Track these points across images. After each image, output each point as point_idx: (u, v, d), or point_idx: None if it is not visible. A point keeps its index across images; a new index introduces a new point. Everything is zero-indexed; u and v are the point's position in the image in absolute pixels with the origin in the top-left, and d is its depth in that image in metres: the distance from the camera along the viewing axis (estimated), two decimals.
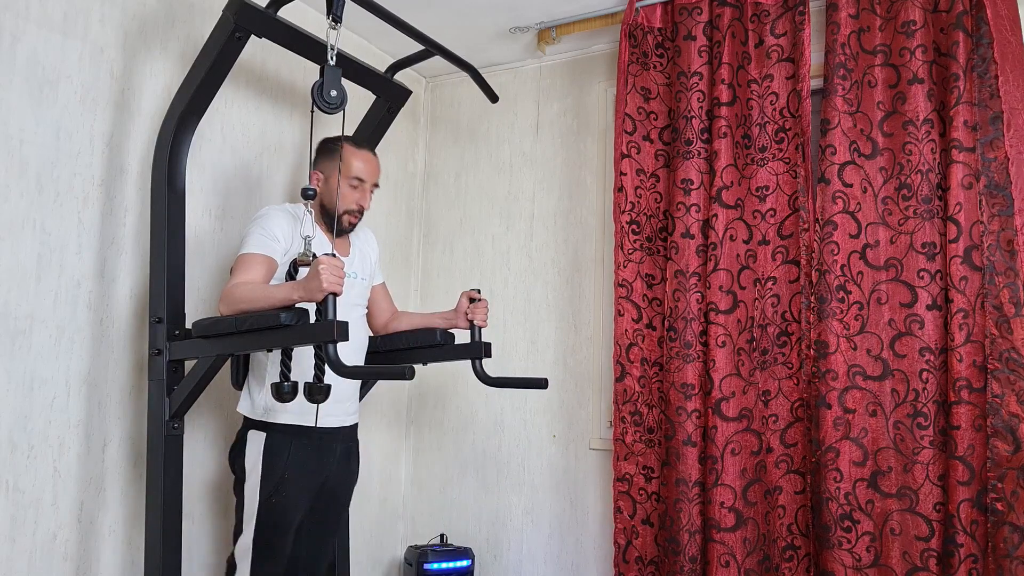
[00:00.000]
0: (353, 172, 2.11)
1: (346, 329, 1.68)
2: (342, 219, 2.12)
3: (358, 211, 2.14)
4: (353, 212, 2.13)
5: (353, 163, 2.11)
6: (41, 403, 1.96)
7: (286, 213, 2.08)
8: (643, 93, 2.69)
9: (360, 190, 2.13)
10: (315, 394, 2.05)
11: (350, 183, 2.11)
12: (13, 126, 1.92)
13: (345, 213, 2.12)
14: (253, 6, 1.93)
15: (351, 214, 2.13)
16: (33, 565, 1.92)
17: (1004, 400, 2.10)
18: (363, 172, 2.12)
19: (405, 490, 3.20)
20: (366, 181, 2.14)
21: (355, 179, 2.11)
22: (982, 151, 2.20)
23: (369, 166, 2.15)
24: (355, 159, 2.12)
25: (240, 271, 1.96)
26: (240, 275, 1.95)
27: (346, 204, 2.11)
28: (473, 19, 2.87)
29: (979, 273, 2.17)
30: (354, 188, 2.12)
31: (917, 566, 2.18)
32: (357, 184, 2.12)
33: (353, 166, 2.11)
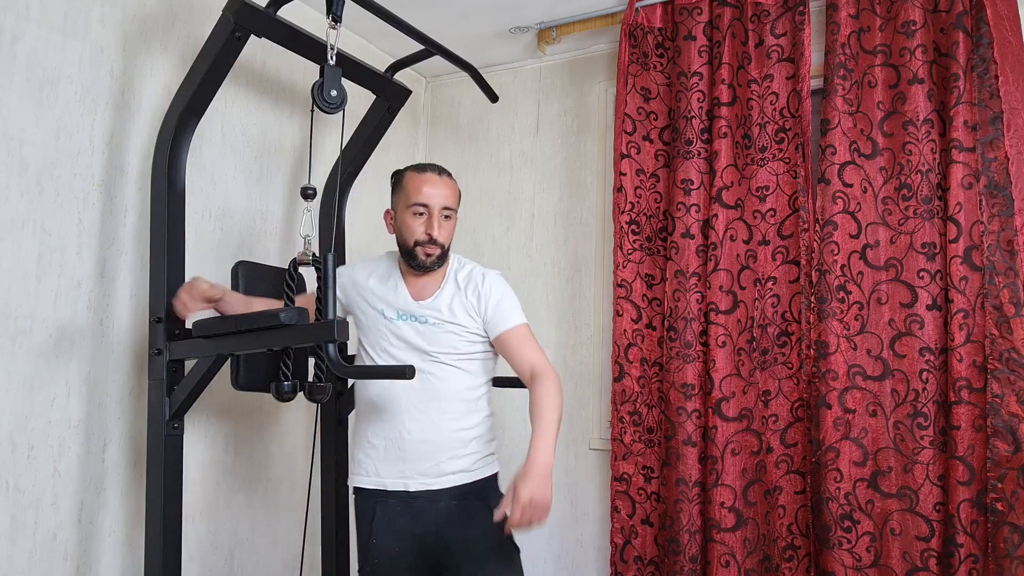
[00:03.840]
0: (412, 200, 1.93)
1: (346, 328, 1.68)
2: (415, 253, 1.93)
3: (428, 241, 1.91)
4: (424, 243, 1.91)
5: (411, 189, 1.94)
6: (41, 403, 1.96)
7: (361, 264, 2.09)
8: (643, 93, 2.69)
9: (427, 217, 1.92)
10: (315, 394, 2.05)
11: (413, 211, 1.92)
12: (13, 126, 1.92)
13: (416, 246, 1.92)
14: (253, 6, 1.93)
15: (422, 246, 1.92)
16: (33, 565, 1.92)
17: (1004, 400, 2.10)
18: (426, 197, 1.92)
19: None
20: (431, 206, 1.92)
21: (418, 206, 1.92)
22: (982, 151, 2.20)
23: (433, 188, 1.94)
24: (415, 183, 1.94)
25: None
26: None
27: (413, 235, 1.92)
28: (473, 19, 2.87)
29: (979, 273, 2.17)
30: (419, 216, 1.92)
31: (917, 566, 2.18)
32: (422, 211, 1.92)
33: (411, 194, 1.94)
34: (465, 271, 2.02)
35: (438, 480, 1.90)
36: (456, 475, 1.92)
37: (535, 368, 1.93)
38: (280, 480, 2.61)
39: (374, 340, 1.98)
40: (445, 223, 1.95)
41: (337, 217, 2.45)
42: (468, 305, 1.96)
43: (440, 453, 1.90)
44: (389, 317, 1.96)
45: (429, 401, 1.90)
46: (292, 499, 2.64)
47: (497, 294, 1.99)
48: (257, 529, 2.52)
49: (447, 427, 1.90)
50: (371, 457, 1.94)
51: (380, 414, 1.93)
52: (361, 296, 2.02)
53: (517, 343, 1.95)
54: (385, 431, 1.92)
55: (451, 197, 1.97)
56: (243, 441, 2.49)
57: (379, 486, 1.92)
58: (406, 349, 1.93)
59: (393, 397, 1.91)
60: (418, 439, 1.90)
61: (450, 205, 1.97)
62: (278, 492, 2.60)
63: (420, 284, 1.98)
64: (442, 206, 1.94)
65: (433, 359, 1.92)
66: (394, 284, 1.99)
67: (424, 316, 1.94)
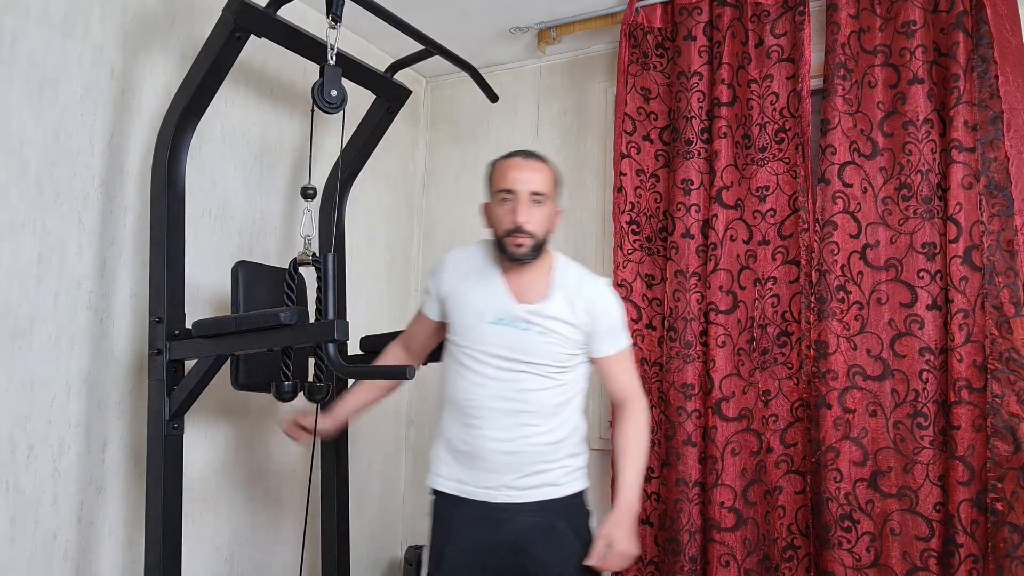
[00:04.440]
0: (497, 186, 1.81)
1: (346, 328, 1.68)
2: (505, 244, 1.79)
3: (515, 229, 1.76)
4: (511, 232, 1.77)
5: (497, 177, 1.82)
6: (41, 403, 1.96)
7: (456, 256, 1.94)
8: (643, 93, 2.69)
9: (513, 203, 1.77)
10: (315, 394, 2.05)
11: (500, 199, 1.79)
12: (13, 126, 1.92)
13: (505, 236, 1.78)
14: (253, 6, 1.93)
15: (510, 235, 1.77)
16: (33, 565, 1.92)
17: (1004, 400, 2.10)
18: (510, 181, 1.78)
19: (405, 490, 3.20)
20: (517, 191, 1.77)
21: (503, 192, 1.78)
22: (982, 151, 2.20)
23: (518, 172, 1.79)
24: (500, 170, 1.82)
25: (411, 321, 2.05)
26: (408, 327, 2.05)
27: (501, 224, 1.79)
28: (473, 19, 2.87)
29: (979, 273, 2.17)
30: (505, 203, 1.78)
31: (917, 566, 2.18)
32: (508, 197, 1.78)
33: (497, 180, 1.82)
34: (574, 276, 1.87)
35: (523, 493, 1.78)
36: (542, 488, 1.80)
37: (630, 394, 1.89)
38: (280, 480, 2.61)
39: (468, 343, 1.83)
40: (535, 209, 1.77)
41: (337, 217, 2.45)
42: (577, 317, 1.82)
43: (527, 465, 1.78)
44: (487, 320, 1.81)
45: (519, 411, 1.78)
46: (292, 499, 2.64)
47: (613, 314, 1.87)
48: (257, 529, 2.52)
49: (536, 439, 1.79)
50: (455, 462, 1.83)
51: (466, 419, 1.81)
52: (460, 295, 1.87)
53: (619, 367, 1.89)
54: (471, 438, 1.80)
55: (541, 181, 1.79)
56: (243, 441, 2.49)
57: (461, 492, 1.81)
58: (497, 357, 1.79)
59: (481, 404, 1.79)
60: (505, 449, 1.77)
61: (540, 190, 1.78)
62: (278, 492, 2.60)
63: (523, 283, 1.83)
64: (530, 191, 1.77)
65: (527, 368, 1.79)
66: (495, 282, 1.84)
67: (527, 322, 1.79)
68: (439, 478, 1.86)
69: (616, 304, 1.90)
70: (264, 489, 2.55)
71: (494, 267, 1.86)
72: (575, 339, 1.82)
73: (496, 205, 1.81)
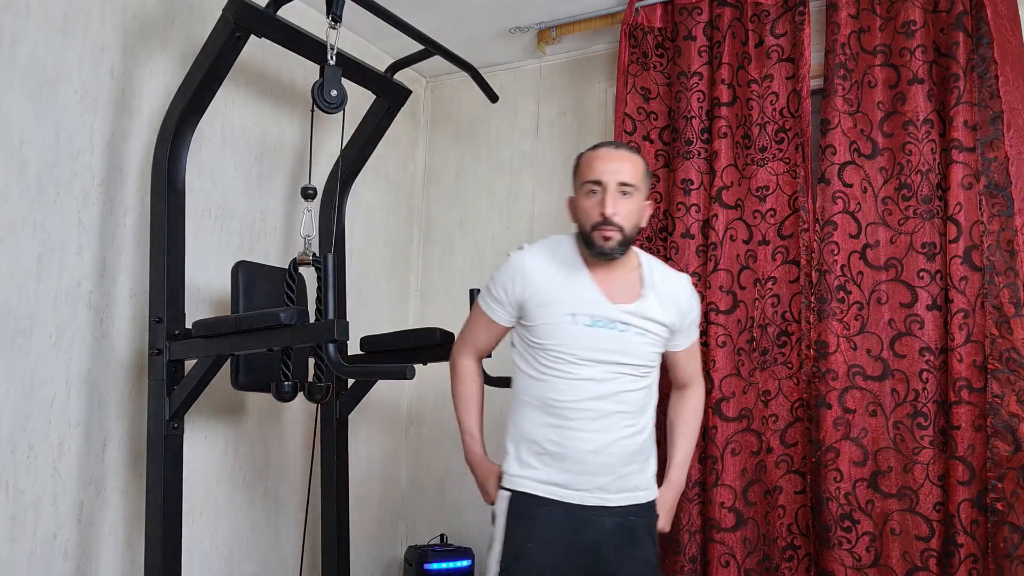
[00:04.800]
0: (583, 177, 1.75)
1: (346, 328, 1.68)
2: (592, 239, 1.72)
3: (603, 222, 1.70)
4: (599, 225, 1.70)
5: (584, 168, 1.76)
6: (41, 403, 1.96)
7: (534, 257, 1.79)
8: (643, 93, 2.69)
9: (601, 195, 1.71)
10: (315, 394, 2.05)
11: (587, 191, 1.73)
12: (13, 126, 1.92)
13: (592, 230, 1.71)
14: (253, 6, 1.93)
15: (598, 228, 1.70)
16: (33, 565, 1.92)
17: (1004, 400, 2.10)
18: (597, 172, 1.72)
19: (405, 490, 3.20)
20: (605, 182, 1.71)
21: (590, 183, 1.73)
22: (982, 151, 2.20)
23: (606, 162, 1.73)
24: (587, 161, 1.77)
25: (469, 324, 1.92)
26: (467, 330, 1.92)
27: (588, 217, 1.72)
28: (473, 19, 2.87)
29: (979, 273, 2.17)
30: (592, 195, 1.72)
31: (917, 566, 2.18)
32: (595, 188, 1.72)
33: (584, 172, 1.76)
34: (659, 272, 1.84)
35: (616, 496, 1.75)
36: (634, 493, 1.77)
37: (694, 379, 1.93)
38: (280, 480, 2.61)
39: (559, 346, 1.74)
40: (623, 201, 1.71)
41: (337, 217, 2.45)
42: (668, 316, 1.80)
43: (621, 467, 1.74)
44: (582, 323, 1.73)
45: (615, 412, 1.73)
46: (292, 499, 2.64)
47: (697, 309, 1.89)
48: (257, 529, 2.52)
49: (631, 439, 1.75)
50: (542, 464, 1.74)
51: (557, 420, 1.74)
52: (544, 297, 1.76)
53: (690, 355, 1.92)
54: (564, 439, 1.73)
55: (630, 172, 1.72)
56: (243, 441, 2.49)
57: (549, 494, 1.74)
58: (594, 361, 1.73)
59: (577, 405, 1.72)
60: (602, 451, 1.72)
61: (628, 180, 1.71)
62: (278, 492, 2.60)
63: (613, 282, 1.77)
64: (618, 182, 1.70)
65: (624, 369, 1.74)
66: (583, 282, 1.76)
67: (625, 324, 1.74)
68: (520, 479, 1.77)
69: (697, 298, 1.91)
70: (264, 489, 2.55)
71: (580, 265, 1.78)
72: (665, 337, 1.82)
73: (583, 197, 1.74)
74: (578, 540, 1.73)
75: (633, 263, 1.82)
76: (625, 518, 1.76)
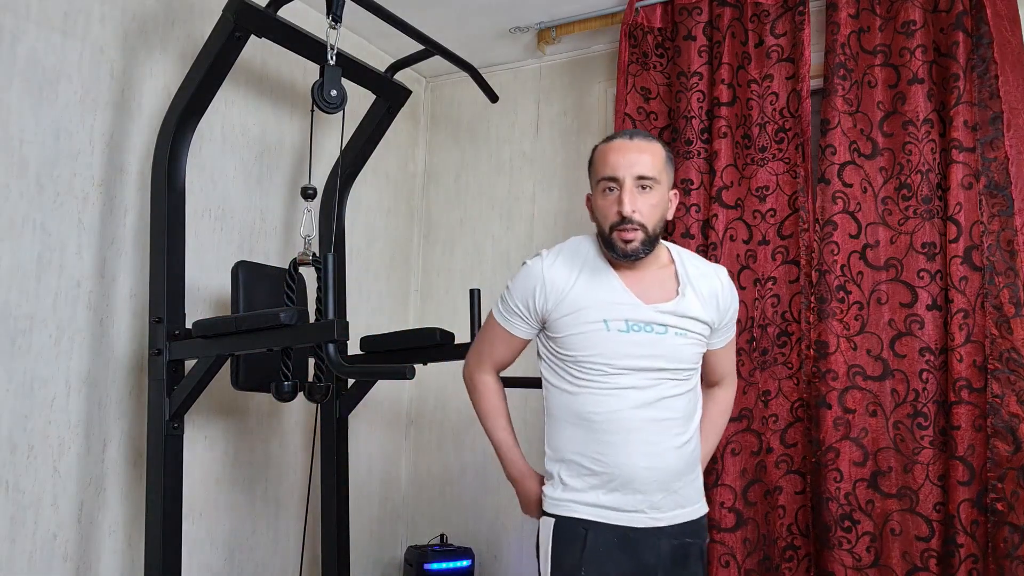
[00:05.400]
0: (598, 174, 1.60)
1: (346, 328, 1.68)
2: (612, 241, 1.58)
3: (621, 221, 1.55)
4: (618, 226, 1.56)
5: (598, 163, 1.61)
6: (41, 403, 1.96)
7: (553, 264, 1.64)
8: (643, 93, 2.69)
9: (618, 192, 1.56)
10: (315, 394, 2.05)
11: (603, 189, 1.59)
12: (13, 126, 1.92)
13: (611, 231, 1.57)
14: (253, 6, 1.93)
15: (617, 229, 1.56)
16: (33, 565, 1.92)
17: (1004, 400, 2.10)
18: (612, 167, 1.56)
19: (405, 490, 3.20)
20: (621, 178, 1.55)
21: (605, 181, 1.58)
22: (982, 151, 2.20)
23: (620, 155, 1.57)
24: (601, 156, 1.61)
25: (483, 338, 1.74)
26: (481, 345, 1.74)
27: (606, 218, 1.58)
28: (473, 19, 2.87)
29: (979, 273, 2.17)
30: (609, 192, 1.58)
31: (917, 566, 2.18)
32: (611, 185, 1.57)
33: (598, 167, 1.61)
34: (693, 265, 1.68)
35: (670, 514, 1.59)
36: (687, 509, 1.63)
37: (727, 377, 1.80)
38: (280, 480, 2.61)
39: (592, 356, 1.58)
40: (643, 196, 1.56)
41: (337, 217, 2.45)
42: (708, 313, 1.65)
43: (672, 481, 1.59)
44: (616, 328, 1.58)
45: (662, 420, 1.58)
46: (292, 499, 2.64)
47: (736, 303, 1.74)
48: (257, 529, 2.52)
49: (680, 450, 1.60)
50: (587, 485, 1.59)
51: (600, 435, 1.58)
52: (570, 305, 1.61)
53: (726, 353, 1.77)
54: (609, 456, 1.57)
55: (648, 163, 1.56)
56: (243, 441, 2.49)
57: (597, 517, 1.57)
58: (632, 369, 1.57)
59: (619, 417, 1.57)
60: (651, 465, 1.56)
61: (647, 173, 1.55)
62: (278, 492, 2.60)
63: (643, 281, 1.62)
64: (636, 175, 1.55)
65: (666, 375, 1.59)
66: (611, 284, 1.61)
67: (663, 325, 1.59)
68: (565, 503, 1.60)
69: (736, 291, 1.75)
70: (264, 489, 2.55)
71: (605, 266, 1.63)
72: (706, 336, 1.66)
73: (599, 196, 1.60)
74: (634, 566, 1.57)
75: (664, 259, 1.67)
76: (680, 539, 1.60)
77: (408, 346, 2.28)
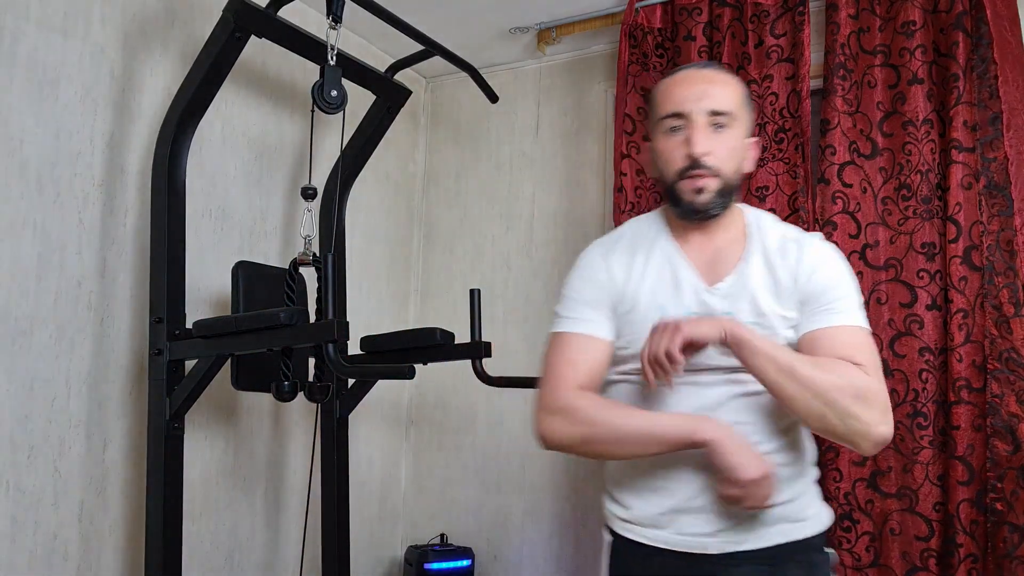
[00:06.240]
0: (661, 111, 1.32)
1: (346, 328, 1.68)
2: (678, 191, 1.31)
3: (691, 166, 1.28)
4: (687, 171, 1.29)
5: (661, 100, 1.33)
6: (41, 403, 1.96)
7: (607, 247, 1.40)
8: (643, 93, 2.69)
9: (686, 132, 1.29)
10: (315, 394, 2.05)
11: (666, 128, 1.31)
12: (13, 126, 1.92)
13: (677, 179, 1.30)
14: (253, 6, 1.93)
15: (686, 176, 1.29)
16: (33, 565, 1.92)
17: (1004, 400, 2.10)
18: (679, 101, 1.30)
19: (405, 490, 3.21)
20: (689, 113, 1.29)
21: (669, 119, 1.31)
22: (982, 151, 2.20)
23: (689, 87, 1.30)
24: (665, 91, 1.34)
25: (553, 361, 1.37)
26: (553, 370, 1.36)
27: (670, 164, 1.31)
28: (473, 19, 2.87)
29: (979, 273, 2.17)
30: (674, 133, 1.30)
31: (917, 566, 2.18)
32: (677, 124, 1.30)
33: (661, 104, 1.33)
34: (774, 231, 1.36)
35: (749, 537, 1.27)
36: (775, 528, 1.28)
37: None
38: (280, 480, 2.61)
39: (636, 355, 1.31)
40: (717, 136, 1.29)
41: (337, 217, 2.45)
42: (782, 287, 1.30)
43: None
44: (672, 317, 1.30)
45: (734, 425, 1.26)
46: (292, 499, 2.64)
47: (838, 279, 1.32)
48: (257, 529, 2.52)
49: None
50: (646, 503, 1.33)
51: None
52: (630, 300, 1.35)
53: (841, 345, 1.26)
54: (673, 472, 1.29)
55: (724, 96, 1.30)
56: (243, 441, 2.49)
57: (656, 542, 1.31)
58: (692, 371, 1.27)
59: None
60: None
61: (722, 108, 1.29)
62: (278, 492, 2.60)
63: (709, 253, 1.35)
64: (708, 110, 1.28)
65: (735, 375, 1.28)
66: (670, 266, 1.34)
67: (728, 312, 1.29)
68: (627, 524, 1.36)
69: (837, 260, 1.35)
70: (264, 489, 2.56)
71: (666, 237, 1.37)
72: (788, 318, 1.30)
73: (662, 139, 1.32)
74: None
75: (738, 223, 1.37)
76: (772, 563, 1.27)
77: (408, 346, 2.28)
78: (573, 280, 1.42)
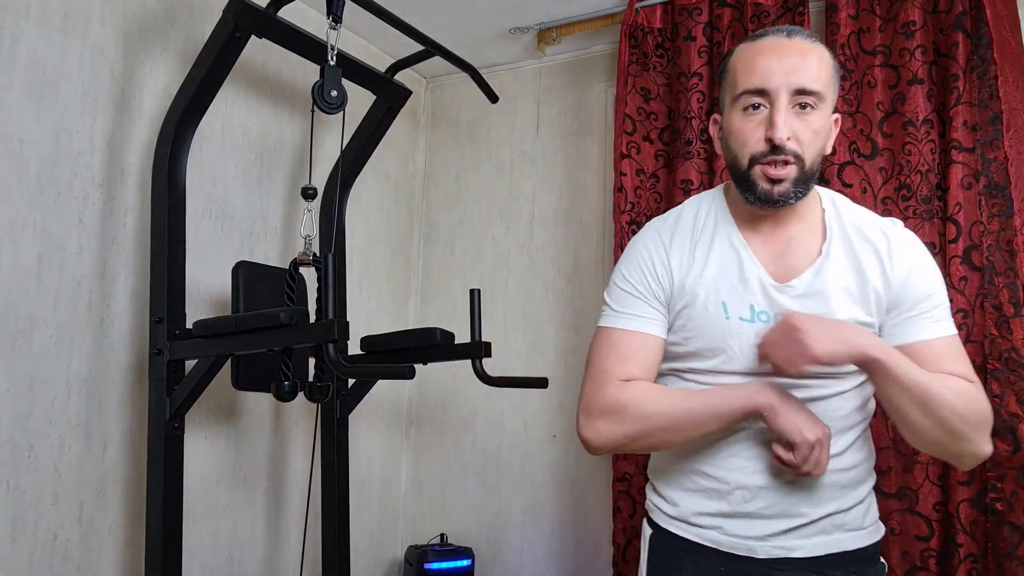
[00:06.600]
0: (740, 85, 1.18)
1: (346, 328, 1.68)
2: (751, 179, 1.18)
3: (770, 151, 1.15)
4: (764, 157, 1.16)
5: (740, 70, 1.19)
6: (41, 403, 1.96)
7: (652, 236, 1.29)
8: (643, 93, 2.69)
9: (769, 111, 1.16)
10: (315, 394, 2.05)
11: (743, 106, 1.18)
12: (13, 126, 1.92)
13: (752, 165, 1.17)
14: (253, 6, 1.93)
15: (762, 162, 1.16)
16: (33, 565, 1.92)
17: (1004, 400, 2.10)
18: (762, 74, 1.15)
19: (405, 490, 3.20)
20: (771, 89, 1.15)
21: (748, 95, 1.17)
22: (982, 151, 2.20)
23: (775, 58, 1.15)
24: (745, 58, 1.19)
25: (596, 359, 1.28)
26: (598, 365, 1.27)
27: (745, 147, 1.18)
28: (473, 19, 2.87)
29: (979, 273, 2.17)
30: (753, 112, 1.17)
31: (917, 566, 2.18)
32: (757, 101, 1.16)
33: (740, 76, 1.18)
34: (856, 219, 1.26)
35: (804, 544, 1.21)
36: (831, 537, 1.23)
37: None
38: (280, 480, 2.61)
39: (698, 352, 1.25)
40: (803, 118, 1.16)
41: (337, 217, 2.45)
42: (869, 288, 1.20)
43: (811, 507, 1.21)
44: (735, 316, 1.21)
45: None
46: (292, 499, 2.64)
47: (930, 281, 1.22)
48: (257, 529, 2.52)
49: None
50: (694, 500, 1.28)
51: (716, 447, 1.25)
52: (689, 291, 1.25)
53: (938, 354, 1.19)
54: (726, 472, 1.24)
55: (815, 71, 1.15)
56: (243, 441, 2.49)
57: (701, 539, 1.26)
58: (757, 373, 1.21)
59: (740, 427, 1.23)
60: (778, 487, 1.21)
61: (810, 86, 1.15)
62: (278, 492, 2.60)
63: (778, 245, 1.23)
64: (794, 88, 1.14)
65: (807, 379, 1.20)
66: (736, 257, 1.23)
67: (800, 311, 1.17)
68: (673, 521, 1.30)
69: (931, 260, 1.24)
70: (264, 489, 2.55)
71: (730, 225, 1.25)
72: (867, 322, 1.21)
73: (738, 117, 1.18)
74: None
75: (815, 210, 1.25)
76: (820, 572, 1.21)
77: (408, 346, 2.28)
78: (626, 269, 1.30)
